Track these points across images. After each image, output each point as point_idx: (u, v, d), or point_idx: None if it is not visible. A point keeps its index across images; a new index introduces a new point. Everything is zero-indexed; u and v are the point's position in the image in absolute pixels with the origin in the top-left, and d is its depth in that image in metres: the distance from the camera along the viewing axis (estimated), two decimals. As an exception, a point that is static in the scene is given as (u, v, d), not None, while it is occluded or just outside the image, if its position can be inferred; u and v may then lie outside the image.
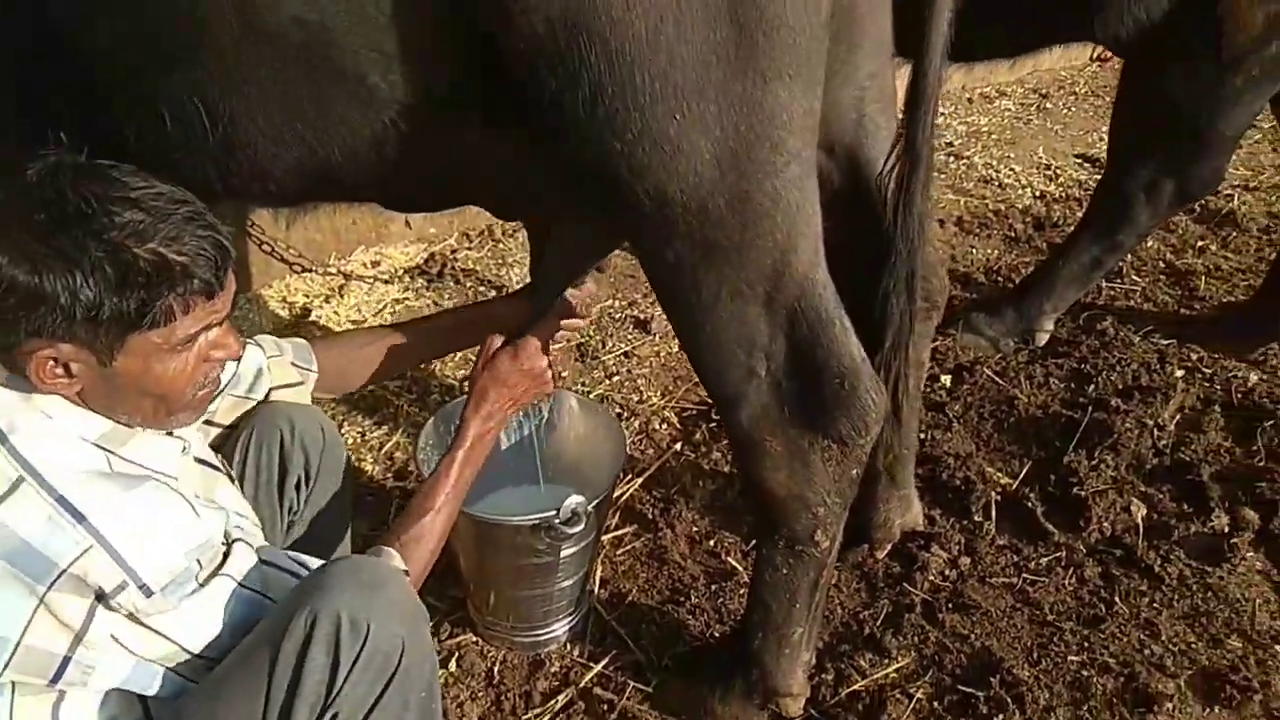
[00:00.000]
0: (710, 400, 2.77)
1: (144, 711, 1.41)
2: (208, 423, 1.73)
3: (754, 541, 2.35)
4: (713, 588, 2.25)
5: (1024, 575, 2.25)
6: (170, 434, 1.49)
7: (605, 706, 2.00)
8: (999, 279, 3.35)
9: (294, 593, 1.33)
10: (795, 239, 1.46)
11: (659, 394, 2.88)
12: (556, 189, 1.62)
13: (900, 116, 1.64)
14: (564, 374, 2.71)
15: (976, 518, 2.39)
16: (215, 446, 1.73)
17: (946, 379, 2.82)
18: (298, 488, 1.79)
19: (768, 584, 1.79)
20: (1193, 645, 2.08)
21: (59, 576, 1.21)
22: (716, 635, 2.14)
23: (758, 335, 1.53)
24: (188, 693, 1.34)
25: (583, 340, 3.05)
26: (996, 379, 2.83)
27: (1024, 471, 2.53)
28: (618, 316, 3.17)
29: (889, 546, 2.28)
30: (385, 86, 1.46)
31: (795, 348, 1.54)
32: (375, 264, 3.41)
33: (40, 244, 1.20)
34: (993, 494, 2.44)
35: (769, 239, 1.45)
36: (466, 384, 2.63)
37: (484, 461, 1.71)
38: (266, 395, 1.78)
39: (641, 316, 3.16)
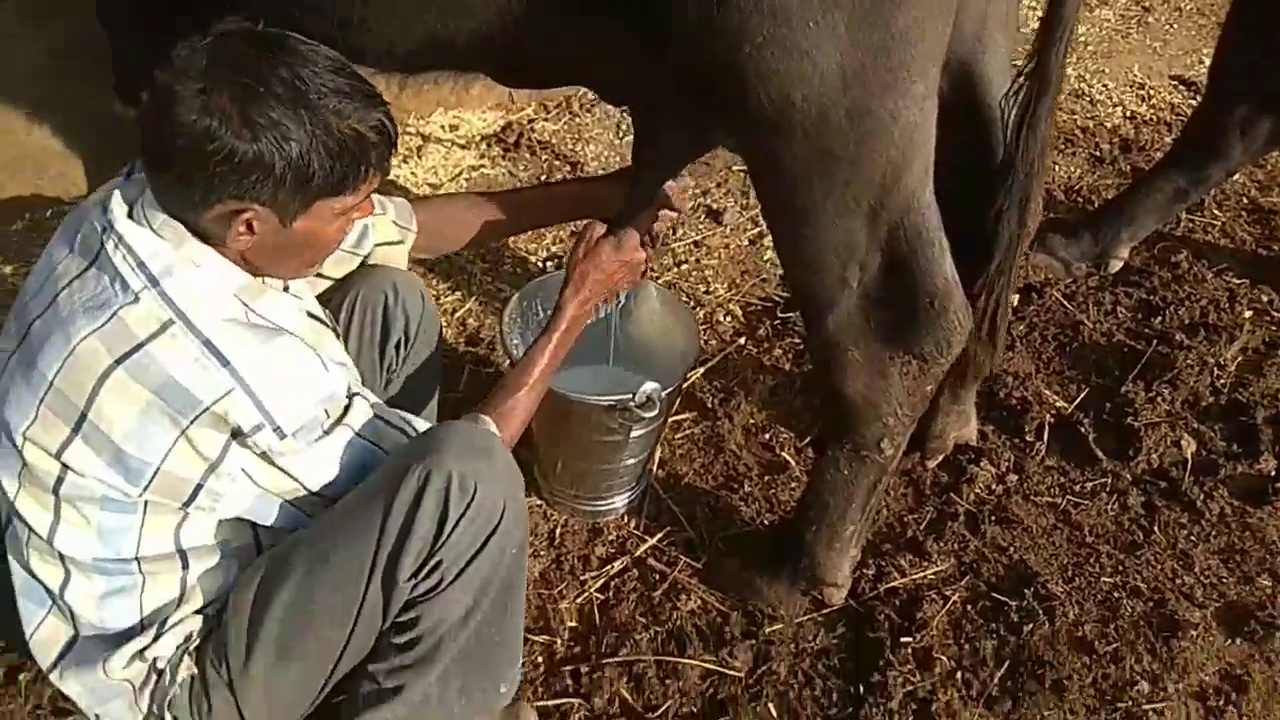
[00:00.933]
0: (778, 297, 2.85)
1: (254, 538, 1.55)
2: (320, 275, 1.81)
3: (809, 438, 2.45)
4: (765, 478, 2.35)
5: (1068, 497, 2.33)
6: (287, 289, 1.58)
7: (657, 576, 2.14)
8: (1079, 199, 3.31)
9: (410, 449, 1.44)
10: (909, 156, 1.48)
11: (725, 286, 2.92)
12: (675, 84, 1.64)
13: (1035, 34, 1.62)
14: (653, 265, 2.76)
15: (1028, 437, 2.45)
16: (323, 301, 1.81)
17: (1014, 298, 2.84)
18: (397, 348, 1.89)
19: (828, 482, 1.88)
20: (1224, 580, 2.16)
21: (201, 413, 1.31)
22: (767, 523, 2.25)
23: (856, 246, 1.57)
24: (302, 530, 1.47)
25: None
26: (1064, 302, 2.85)
27: (1080, 397, 2.57)
28: (691, 205, 3.19)
29: (940, 457, 2.36)
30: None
31: (891, 262, 1.58)
32: (453, 128, 3.42)
33: (259, 115, 1.27)
34: (1047, 416, 2.50)
35: (883, 154, 1.47)
36: (556, 264, 2.69)
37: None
38: (370, 251, 1.85)
39: (714, 207, 3.18)
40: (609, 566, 2.15)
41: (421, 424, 1.57)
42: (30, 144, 2.84)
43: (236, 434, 1.35)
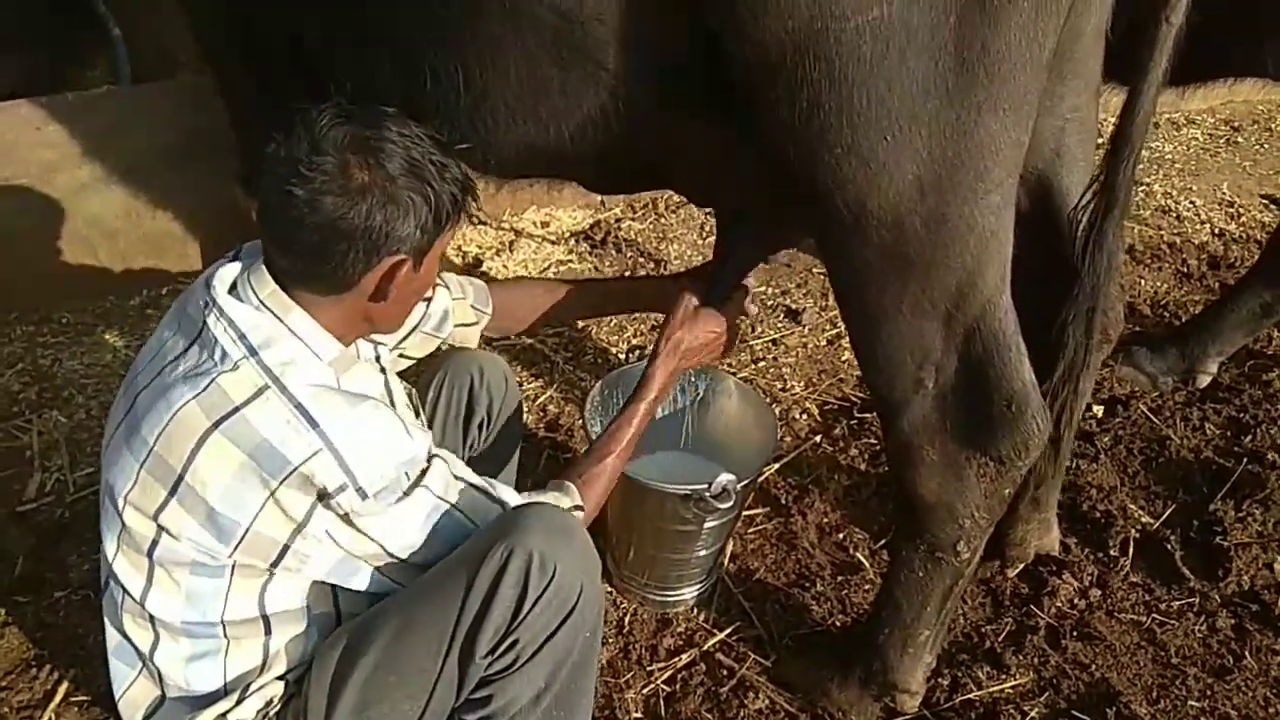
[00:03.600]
0: (855, 397, 2.87)
1: (334, 607, 1.61)
2: (402, 355, 1.91)
3: (883, 540, 2.44)
4: (838, 579, 2.34)
5: (1153, 615, 2.26)
6: (377, 366, 1.68)
7: (725, 672, 2.13)
8: (1165, 314, 3.29)
9: (494, 527, 1.49)
10: (985, 262, 1.52)
11: (802, 384, 2.96)
12: (756, 186, 1.73)
13: (1104, 151, 1.67)
14: (729, 362, 2.83)
15: (1112, 552, 2.40)
16: (408, 380, 1.90)
17: (1099, 409, 2.81)
18: (480, 427, 1.97)
19: (902, 584, 1.87)
20: (1322, 711, 2.06)
21: (290, 473, 1.38)
22: (839, 624, 2.23)
23: (931, 348, 1.60)
24: (386, 601, 1.52)
25: (735, 323, 3.14)
26: (1150, 416, 2.80)
27: (1167, 513, 2.51)
28: (770, 304, 3.26)
29: (1021, 566, 2.32)
30: (619, 71, 1.58)
31: (967, 365, 1.60)
32: (544, 224, 3.58)
33: (397, 173, 1.40)
34: (1132, 531, 2.44)
35: (959, 260, 1.51)
36: (638, 355, 2.76)
37: None
38: (450, 332, 1.95)
39: (793, 306, 3.24)
40: (677, 659, 2.15)
41: (502, 487, 1.62)
42: (154, 227, 3.07)
43: (322, 496, 1.41)
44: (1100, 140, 1.84)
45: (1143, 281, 3.46)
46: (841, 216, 1.50)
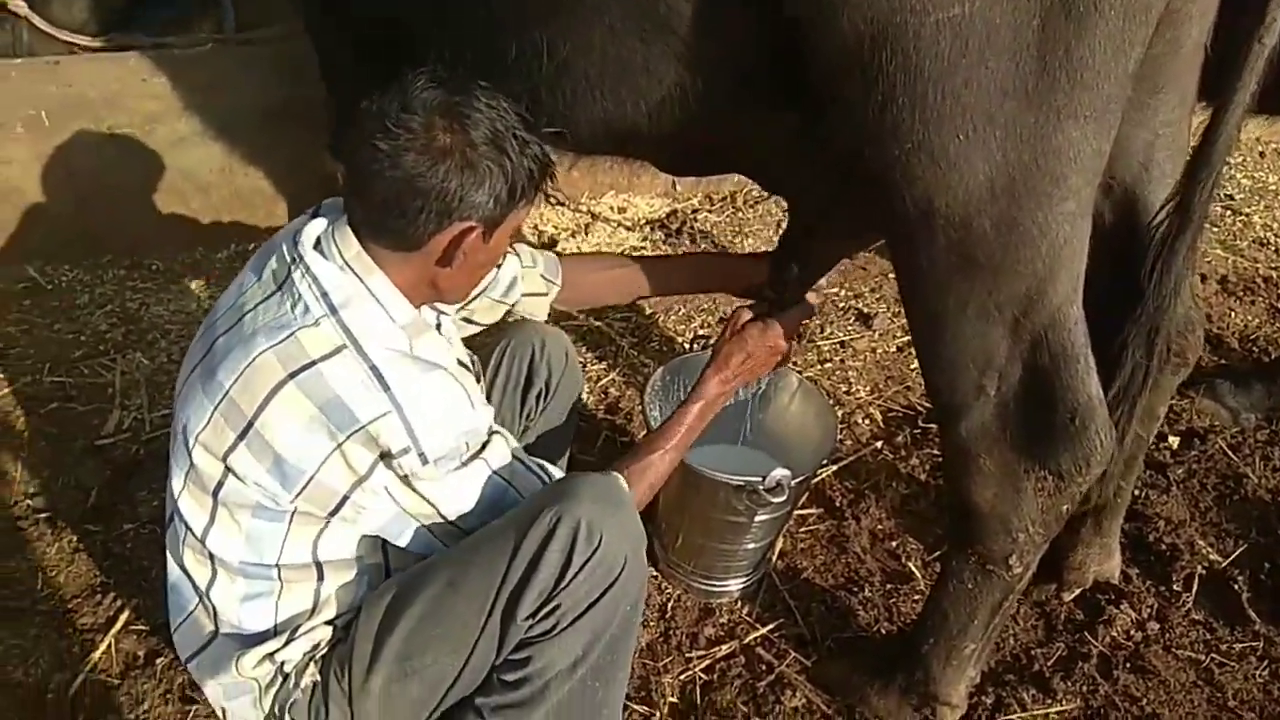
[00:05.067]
0: (920, 406, 2.82)
1: (384, 560, 1.65)
2: (467, 320, 1.94)
3: (937, 552, 2.40)
4: (887, 586, 2.31)
5: (1213, 655, 2.18)
6: (439, 328, 1.71)
7: (764, 667, 2.12)
8: (1254, 349, 3.16)
9: (545, 493, 1.51)
10: (1056, 271, 1.48)
11: (868, 389, 2.92)
12: (826, 180, 1.71)
13: (1183, 170, 1.61)
14: (795, 359, 2.81)
15: (1175, 587, 2.31)
16: (471, 346, 1.93)
17: (1174, 440, 2.71)
18: (538, 399, 1.99)
19: (950, 594, 1.83)
20: (1386, 771, 1.97)
21: (358, 430, 1.42)
22: (883, 631, 2.20)
23: (995, 355, 1.57)
24: (436, 557, 1.55)
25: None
26: (1228, 452, 2.70)
27: (1237, 553, 2.42)
28: (842, 306, 3.22)
29: (1077, 591, 2.26)
30: (700, 51, 1.58)
31: (1032, 375, 1.57)
32: (622, 210, 3.60)
33: (481, 140, 1.43)
34: (1198, 567, 2.35)
35: (1029, 266, 1.48)
36: (702, 344, 2.76)
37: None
38: (517, 300, 1.97)
39: (865, 310, 3.20)
40: (716, 649, 2.15)
41: (556, 471, 1.65)
42: (245, 184, 3.17)
43: (385, 455, 1.45)
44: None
45: (1233, 314, 3.33)
46: (909, 214, 1.48)
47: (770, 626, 2.20)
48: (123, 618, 2.11)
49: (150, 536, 2.28)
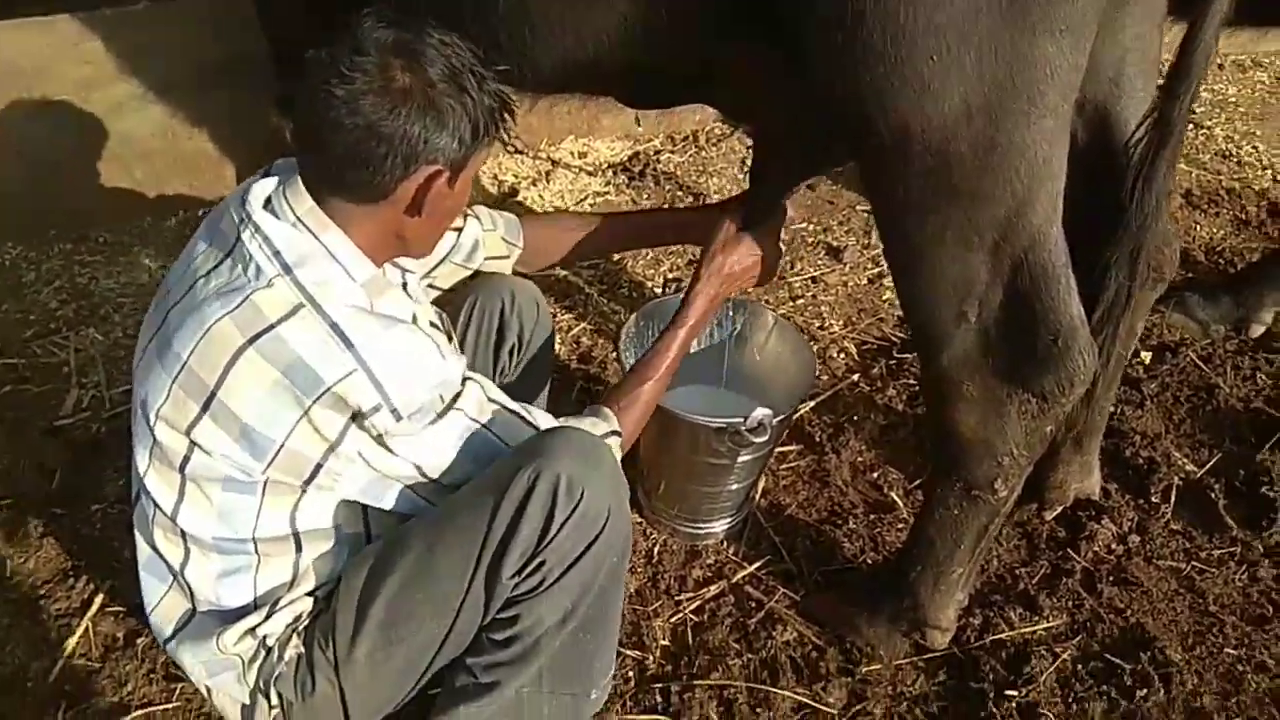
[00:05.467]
0: (895, 337, 2.82)
1: (364, 526, 1.61)
2: (431, 286, 1.89)
3: (918, 480, 2.40)
4: (871, 517, 2.31)
5: (1193, 563, 2.21)
6: (406, 291, 1.65)
7: (753, 604, 2.12)
8: (1220, 261, 3.17)
9: (521, 451, 1.48)
10: (1035, 191, 1.46)
11: (841, 323, 2.90)
12: (796, 106, 1.67)
13: (1160, 86, 1.58)
14: (767, 297, 2.78)
15: (1154, 499, 2.34)
16: (439, 306, 1.88)
17: (1147, 355, 2.73)
18: (511, 353, 1.95)
19: (936, 521, 1.83)
20: (1364, 664, 2.02)
21: (324, 393, 1.37)
22: (869, 562, 2.21)
23: (975, 281, 1.55)
24: (414, 521, 1.52)
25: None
26: (1200, 364, 2.72)
27: (1212, 462, 2.45)
28: (810, 241, 3.19)
29: (1059, 509, 2.27)
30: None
31: (1013, 298, 1.55)
32: (582, 155, 3.52)
33: (439, 79, 1.37)
34: (1175, 478, 2.38)
35: (1008, 188, 1.45)
36: (675, 287, 2.72)
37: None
38: (479, 264, 1.92)
39: (834, 244, 3.17)
40: (705, 590, 2.15)
41: (538, 413, 1.61)
42: (189, 148, 3.05)
43: (355, 416, 1.40)
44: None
45: (1199, 227, 3.34)
46: (884, 140, 1.44)
47: (757, 564, 2.20)
48: (98, 600, 2.06)
49: (118, 516, 2.22)
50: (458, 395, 1.50)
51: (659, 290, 2.97)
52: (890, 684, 1.97)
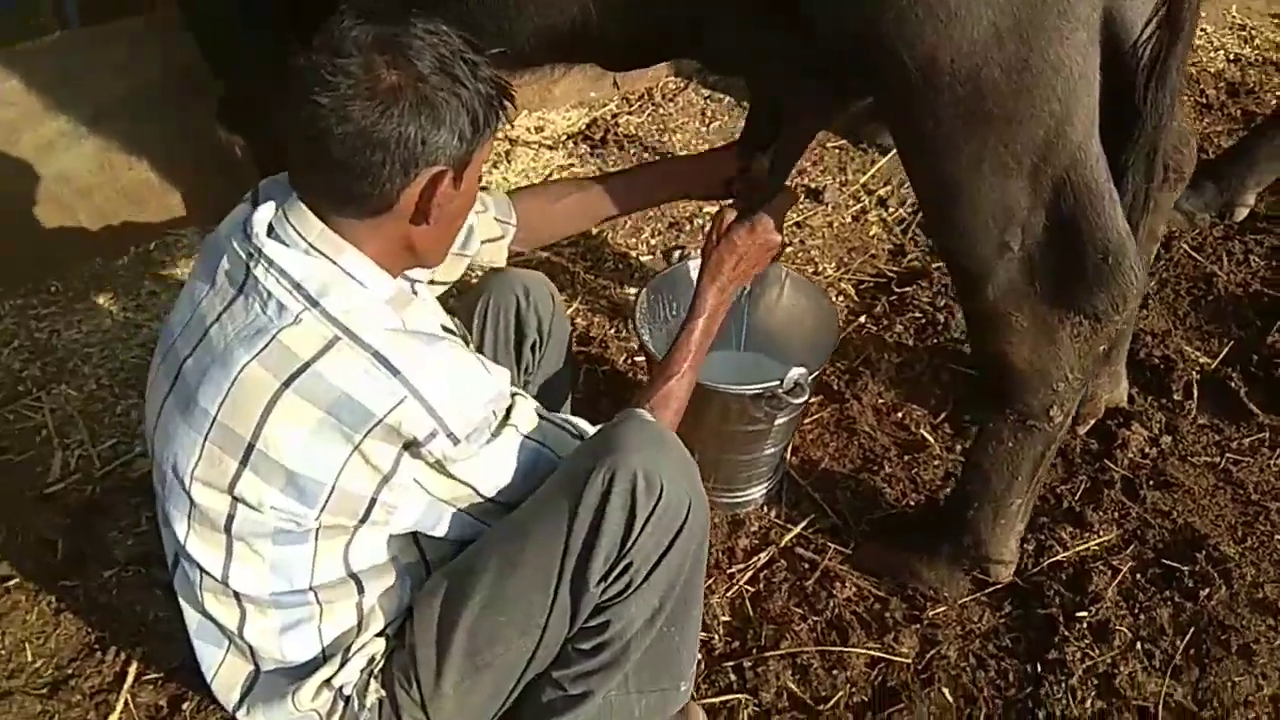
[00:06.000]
0: (889, 272, 2.78)
1: (420, 555, 1.54)
2: (432, 281, 1.78)
3: (943, 413, 2.38)
4: (905, 458, 2.29)
5: (1227, 455, 2.23)
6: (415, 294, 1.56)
7: (807, 565, 2.08)
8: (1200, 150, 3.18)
9: (586, 450, 1.41)
10: (1073, 108, 1.41)
11: (834, 265, 2.86)
12: (797, 51, 1.59)
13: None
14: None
15: (1176, 396, 2.35)
16: (447, 310, 1.79)
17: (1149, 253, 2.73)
18: (533, 349, 1.87)
19: (990, 455, 1.81)
20: None
21: (375, 425, 1.28)
22: (912, 504, 2.18)
23: (1016, 208, 1.50)
24: (484, 542, 1.44)
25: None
26: (1193, 254, 2.73)
27: (1225, 351, 2.47)
28: (789, 185, 3.12)
29: (1091, 423, 2.27)
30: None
31: (1057, 221, 1.51)
32: (539, 129, 3.41)
33: (429, 73, 1.26)
34: (1193, 373, 2.39)
35: (1045, 108, 1.40)
36: (663, 255, 2.64)
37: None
38: (477, 249, 1.82)
39: (813, 185, 3.11)
40: (756, 558, 2.11)
41: (582, 422, 1.55)
42: (131, 178, 2.87)
43: (409, 445, 1.32)
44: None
45: (1162, 117, 3.34)
46: (909, 75, 1.38)
47: (803, 525, 2.16)
48: (132, 670, 1.95)
49: (135, 579, 2.11)
50: (510, 410, 1.43)
51: (645, 259, 2.89)
52: (959, 624, 1.96)
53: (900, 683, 1.88)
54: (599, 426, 1.54)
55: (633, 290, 2.75)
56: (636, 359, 2.58)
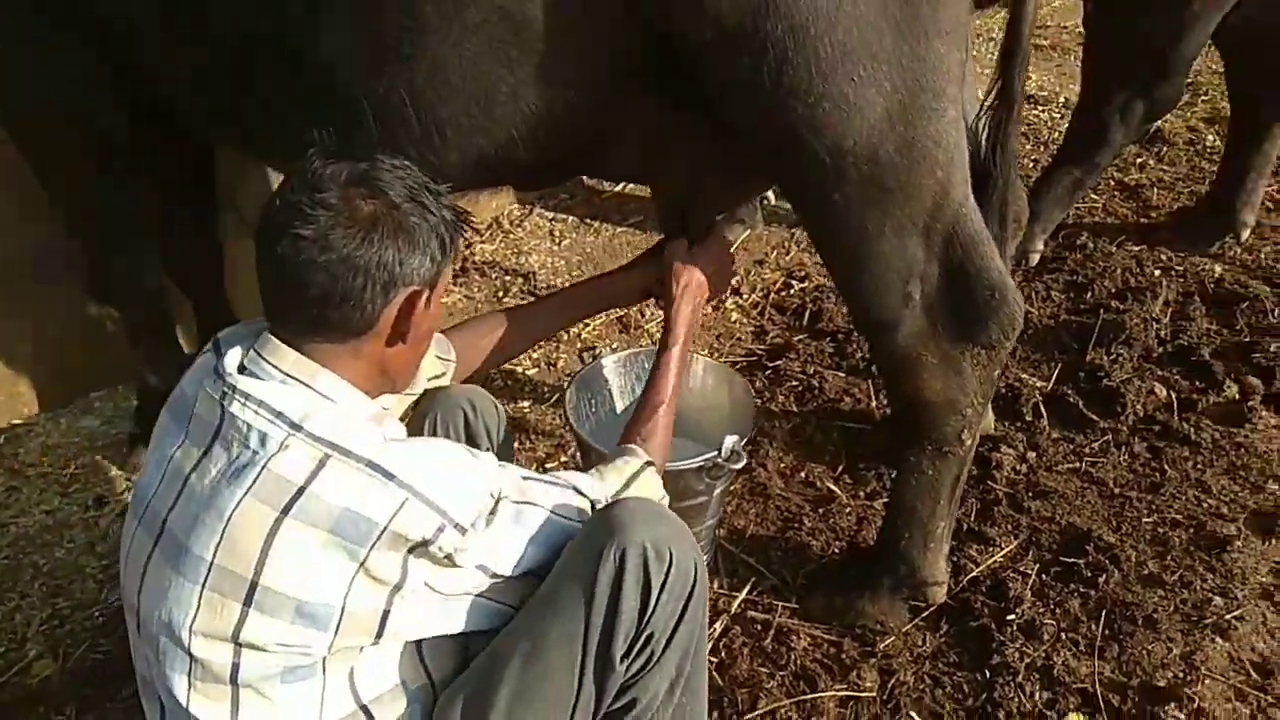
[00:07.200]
0: (757, 351, 3.01)
1: (425, 673, 1.50)
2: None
3: (840, 467, 2.59)
4: (819, 511, 2.47)
5: (1084, 459, 2.56)
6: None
7: (759, 626, 2.20)
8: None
9: (592, 532, 1.47)
10: (952, 173, 1.68)
11: (706, 351, 3.06)
12: (707, 156, 1.80)
13: (998, 61, 1.87)
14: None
15: (1028, 417, 2.68)
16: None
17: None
18: (486, 458, 1.91)
19: (913, 487, 2.01)
20: (1239, 494, 2.42)
21: (380, 535, 1.29)
22: (836, 550, 2.36)
23: (915, 263, 1.74)
24: (496, 644, 1.46)
25: (621, 314, 3.21)
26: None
27: (1055, 373, 2.84)
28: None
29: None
30: (568, 64, 1.61)
31: (949, 269, 1.76)
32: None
33: (400, 200, 1.36)
34: (1036, 396, 2.74)
35: (931, 176, 1.66)
36: (590, 353, 2.74)
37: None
38: (422, 390, 1.90)
39: (670, 283, 3.34)
40: (712, 628, 2.19)
41: (568, 474, 1.61)
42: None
43: (416, 547, 1.33)
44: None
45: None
46: (819, 160, 1.61)
47: (747, 589, 2.28)
48: None
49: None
50: (503, 488, 1.47)
51: (575, 349, 2.99)
52: (908, 650, 2.12)
53: (871, 715, 2.00)
54: (590, 472, 1.63)
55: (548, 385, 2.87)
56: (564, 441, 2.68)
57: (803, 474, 2.60)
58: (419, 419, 1.91)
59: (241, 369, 1.37)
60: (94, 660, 2.16)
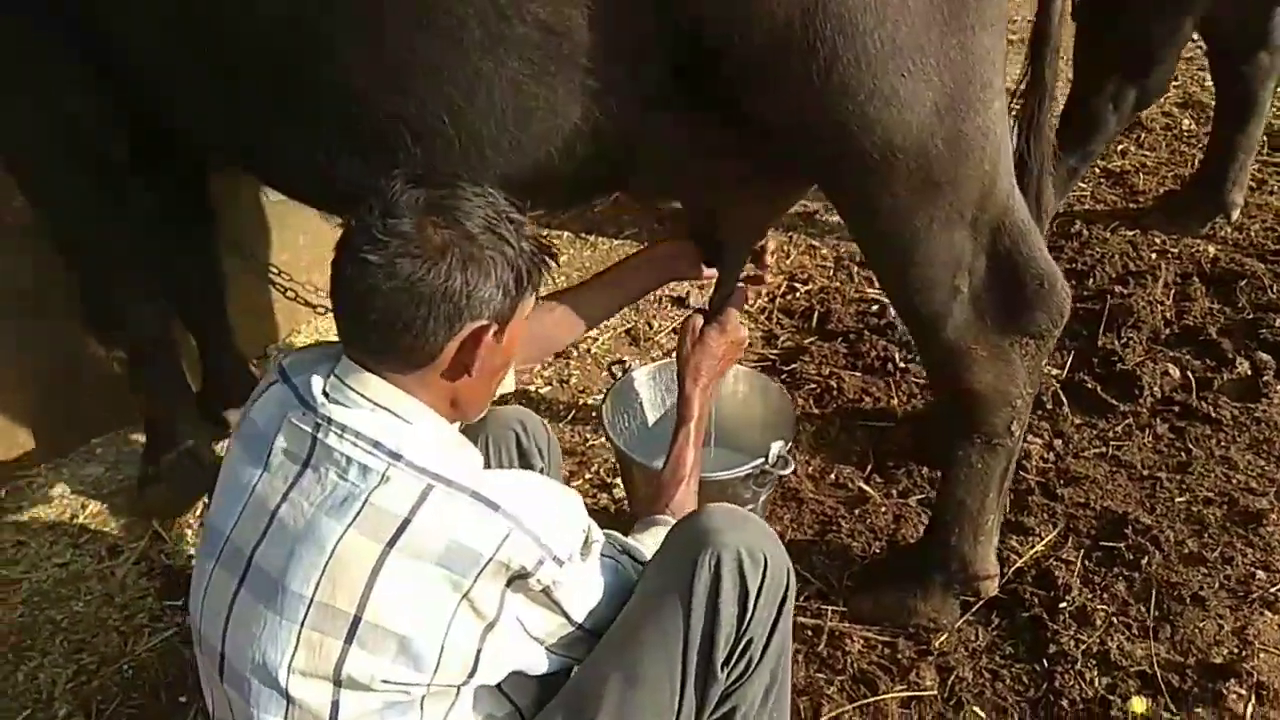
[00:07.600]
0: (770, 356, 3.00)
1: (511, 705, 1.49)
2: None
3: (869, 467, 2.59)
4: (854, 512, 2.46)
5: (1109, 444, 2.58)
6: None
7: (811, 631, 2.17)
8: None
9: (680, 542, 1.45)
10: (998, 164, 1.68)
11: (719, 360, 3.05)
12: (754, 162, 1.79)
13: (1029, 51, 1.88)
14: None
15: (1049, 406, 2.70)
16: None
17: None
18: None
19: (963, 481, 2.00)
20: (1266, 469, 2.46)
21: (485, 566, 1.27)
22: (879, 550, 2.35)
23: (963, 256, 1.74)
24: (589, 664, 1.43)
25: (629, 326, 3.18)
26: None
27: (1069, 360, 2.86)
28: (653, 297, 3.31)
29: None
30: (606, 76, 1.59)
31: (996, 260, 1.76)
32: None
33: (475, 230, 1.31)
34: (1054, 383, 2.76)
35: (978, 169, 1.66)
36: (618, 368, 2.71)
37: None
38: None
39: (677, 294, 3.32)
40: (764, 638, 2.17)
41: (621, 537, 1.58)
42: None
43: (514, 579, 1.31)
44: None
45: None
46: (869, 158, 1.60)
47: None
48: None
49: None
50: (589, 527, 1.45)
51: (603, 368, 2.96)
52: (963, 646, 2.11)
53: (935, 714, 1.99)
54: (631, 537, 1.61)
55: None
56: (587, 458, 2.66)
57: (832, 476, 2.58)
58: (469, 438, 1.86)
59: (325, 396, 1.33)
60: (128, 715, 2.09)
